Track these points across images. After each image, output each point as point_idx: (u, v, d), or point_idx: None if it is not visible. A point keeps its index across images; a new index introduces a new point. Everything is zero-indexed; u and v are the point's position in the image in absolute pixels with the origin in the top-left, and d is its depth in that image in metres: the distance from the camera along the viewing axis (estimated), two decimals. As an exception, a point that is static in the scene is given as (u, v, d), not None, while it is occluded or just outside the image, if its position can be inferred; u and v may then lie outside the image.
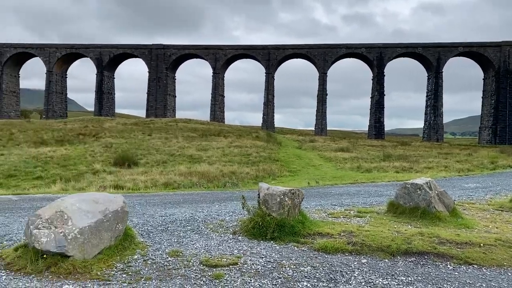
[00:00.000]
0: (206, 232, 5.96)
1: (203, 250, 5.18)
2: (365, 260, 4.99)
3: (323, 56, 68.58)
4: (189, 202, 8.78)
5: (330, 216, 7.14)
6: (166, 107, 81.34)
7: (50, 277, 4.32)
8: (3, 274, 4.36)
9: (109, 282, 4.23)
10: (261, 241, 5.56)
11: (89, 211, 4.90)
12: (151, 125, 45.27)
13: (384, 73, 66.07)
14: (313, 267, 4.71)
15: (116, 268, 4.59)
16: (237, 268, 4.62)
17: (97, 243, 4.78)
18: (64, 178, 18.76)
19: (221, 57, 76.59)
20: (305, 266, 4.74)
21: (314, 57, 69.34)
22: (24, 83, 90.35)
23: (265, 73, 72.77)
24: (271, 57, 71.98)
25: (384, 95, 66.27)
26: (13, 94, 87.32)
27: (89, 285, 4.16)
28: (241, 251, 5.16)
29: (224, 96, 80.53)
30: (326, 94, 68.77)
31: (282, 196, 5.86)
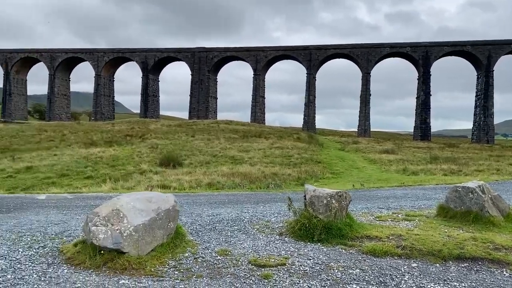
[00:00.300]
0: (252, 233, 6.05)
1: (250, 250, 5.27)
2: (415, 264, 4.90)
3: (366, 55, 67.36)
4: (234, 202, 8.91)
5: (377, 219, 7.04)
6: (207, 108, 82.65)
7: (107, 272, 4.54)
8: (65, 268, 4.62)
9: (162, 279, 4.39)
10: (308, 243, 5.57)
11: (143, 210, 5.11)
12: (193, 127, 46.20)
13: (430, 73, 64.03)
14: (362, 270, 4.68)
15: (168, 265, 4.76)
16: (285, 269, 4.67)
17: (151, 240, 4.97)
18: (113, 177, 19.51)
19: (262, 59, 76.89)
20: (353, 268, 4.71)
21: (357, 57, 68.23)
22: (74, 87, 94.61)
23: (306, 73, 72.36)
24: (313, 57, 71.47)
25: (430, 95, 64.20)
26: (64, 97, 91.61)
27: (143, 281, 4.33)
28: (289, 252, 5.20)
29: (264, 97, 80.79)
30: (370, 95, 67.49)
31: (329, 199, 5.85)
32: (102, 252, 4.75)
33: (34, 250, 5.11)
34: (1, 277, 4.29)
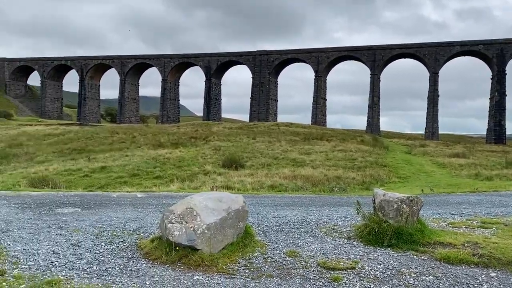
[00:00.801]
0: (320, 236, 6.06)
1: (319, 252, 5.28)
2: (494, 274, 4.65)
3: (434, 55, 64.41)
4: (299, 205, 8.94)
5: (450, 225, 6.76)
6: (268, 111, 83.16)
7: (182, 267, 4.77)
8: (143, 262, 4.92)
9: (234, 277, 4.54)
10: (378, 248, 5.48)
11: (214, 209, 5.31)
12: (254, 129, 46.75)
13: (506, 72, 59.86)
14: (436, 277, 4.53)
15: (239, 263, 4.90)
16: (355, 273, 4.64)
17: (222, 239, 5.15)
18: (180, 178, 20.29)
19: (324, 60, 76.09)
20: (426, 275, 4.58)
21: (424, 57, 65.44)
22: (142, 91, 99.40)
23: (370, 74, 70.56)
24: (377, 57, 69.56)
25: (506, 95, 60.02)
26: (133, 101, 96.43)
27: (216, 278, 4.51)
28: (358, 256, 5.16)
29: (326, 99, 79.83)
30: (438, 96, 64.42)
31: (399, 203, 5.71)
32: (177, 248, 5.00)
33: (115, 245, 5.48)
34: (88, 268, 4.66)
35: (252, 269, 4.75)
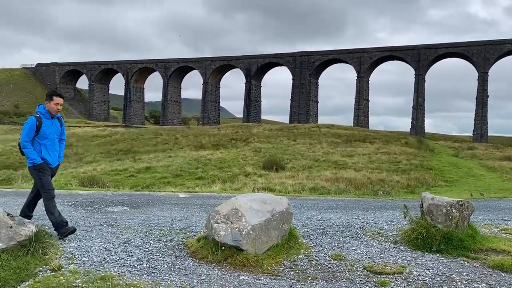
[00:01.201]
0: (365, 239, 5.97)
1: (365, 256, 5.22)
2: (553, 285, 4.42)
3: (483, 54, 61.75)
4: (342, 208, 8.85)
5: (503, 232, 6.48)
6: (308, 112, 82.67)
7: (228, 267, 4.85)
8: (190, 261, 5.05)
9: (279, 278, 4.56)
10: (426, 253, 5.35)
11: (259, 210, 5.36)
12: (295, 131, 46.59)
13: (562, 70, 56.50)
14: (489, 285, 4.36)
15: (284, 265, 4.92)
16: (403, 278, 4.54)
17: (266, 240, 5.19)
18: (221, 179, 20.56)
19: (366, 60, 74.77)
20: (479, 283, 4.42)
21: (472, 56, 62.89)
22: (184, 93, 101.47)
23: (415, 75, 68.64)
24: (422, 57, 67.54)
25: (562, 95, 56.62)
26: (176, 103, 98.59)
27: (261, 279, 4.55)
28: (405, 261, 5.05)
29: (368, 100, 78.40)
30: (487, 96, 61.71)
31: (448, 208, 5.54)
32: (223, 248, 5.09)
33: (163, 243, 5.64)
34: (138, 265, 4.83)
35: (297, 271, 4.76)
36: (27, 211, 6.12)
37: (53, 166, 5.95)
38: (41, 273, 4.47)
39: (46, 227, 5.48)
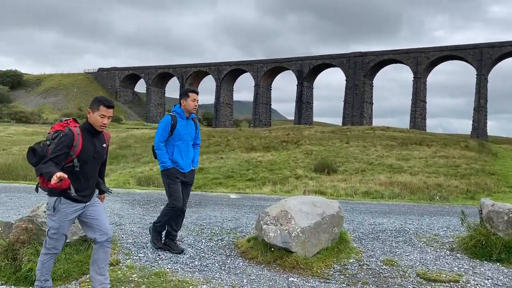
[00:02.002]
0: (419, 245, 5.78)
1: (418, 262, 5.06)
2: None
3: (554, 51, 57.63)
4: (396, 213, 8.60)
5: None
6: (362, 114, 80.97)
7: (277, 268, 4.89)
8: (240, 261, 5.13)
9: (329, 281, 4.53)
10: (484, 262, 5.09)
11: (308, 213, 5.35)
12: (348, 133, 45.78)
13: None
14: (556, 299, 4.08)
15: (333, 268, 4.88)
16: (459, 286, 4.36)
17: (316, 243, 5.17)
18: (271, 181, 20.64)
19: (423, 60, 72.06)
20: (544, 296, 4.15)
21: (541, 54, 58.88)
22: (235, 96, 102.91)
23: (476, 75, 65.23)
24: (484, 56, 64.05)
25: None
26: (228, 106, 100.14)
27: (311, 281, 4.54)
28: (462, 269, 4.84)
29: (425, 102, 75.49)
30: (557, 97, 57.43)
31: (510, 215, 5.24)
32: (272, 249, 5.13)
33: (214, 242, 5.78)
34: (191, 263, 4.99)
35: (347, 275, 4.70)
36: (172, 230, 5.44)
37: (186, 171, 5.33)
38: (101, 267, 4.73)
39: (106, 223, 5.78)
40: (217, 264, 4.99)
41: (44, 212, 4.92)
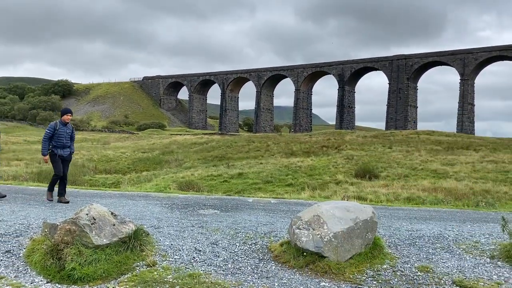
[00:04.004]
0: (458, 252, 5.60)
1: (455, 270, 4.91)
2: None
3: None
4: (436, 219, 8.35)
5: None
6: (406, 118, 78.88)
7: (309, 273, 4.90)
8: (273, 265, 5.19)
9: (361, 287, 4.50)
10: (528, 271, 4.86)
11: (341, 218, 5.33)
12: (391, 138, 44.69)
13: None
14: None
15: (366, 274, 4.84)
16: (498, 296, 4.20)
17: (349, 248, 5.14)
18: (311, 186, 20.51)
19: (471, 62, 69.36)
20: None
21: None
22: (276, 101, 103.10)
23: (528, 75, 61.88)
24: (537, 56, 60.84)
25: None
26: (268, 111, 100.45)
27: (342, 286, 4.53)
28: (502, 278, 4.65)
29: (473, 105, 72.51)
30: None
31: (557, 222, 4.99)
32: (305, 254, 5.15)
33: (248, 246, 5.86)
34: (224, 266, 5.10)
35: (380, 280, 4.65)
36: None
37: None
38: (138, 268, 4.94)
39: (145, 226, 6.01)
40: (249, 268, 5.07)
41: (86, 214, 5.21)
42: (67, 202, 9.02)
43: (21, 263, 5.04)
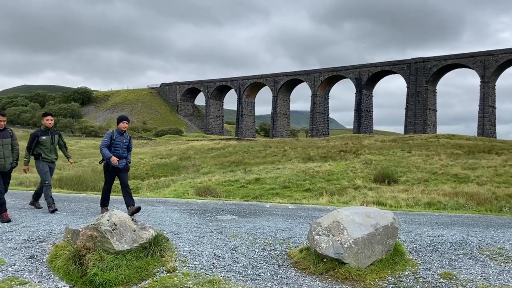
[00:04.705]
0: (482, 259, 5.48)
1: (479, 277, 4.80)
2: None
3: None
4: (458, 224, 8.19)
5: None
6: (425, 122, 77.83)
7: (329, 279, 4.86)
8: (293, 271, 5.16)
9: (382, 294, 4.44)
10: (556, 278, 4.72)
11: (361, 224, 5.28)
12: (410, 142, 44.11)
13: None
14: None
15: (387, 281, 4.77)
16: (525, 304, 4.09)
17: (369, 254, 5.08)
18: (329, 191, 20.36)
19: (491, 64, 68.14)
20: None
21: None
22: (292, 106, 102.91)
23: (551, 77, 60.50)
24: (560, 57, 59.44)
25: None
26: (285, 116, 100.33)
27: (363, 293, 4.47)
28: (529, 286, 4.53)
29: (495, 108, 71.12)
30: None
31: None
32: (324, 260, 5.11)
33: (267, 252, 5.85)
34: (244, 272, 5.09)
35: (401, 287, 4.58)
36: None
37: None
38: (158, 274, 4.98)
39: (164, 232, 6.06)
40: (269, 274, 5.05)
41: (108, 220, 5.27)
42: (139, 208, 8.15)
43: (45, 268, 5.13)
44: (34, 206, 9.12)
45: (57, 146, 9.10)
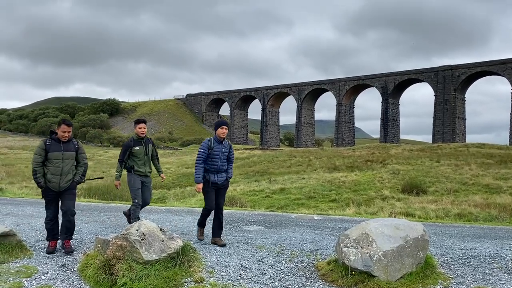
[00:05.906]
0: (518, 273, 5.28)
1: (516, 293, 4.63)
2: None
3: None
4: (492, 237, 7.93)
5: None
6: (454, 131, 76.08)
7: (358, 292, 4.77)
8: (321, 284, 5.10)
9: (413, 308, 4.33)
10: None
11: (391, 236, 5.18)
12: (438, 151, 43.14)
13: None
14: None
15: (418, 295, 4.65)
16: None
17: (399, 267, 4.98)
18: (355, 202, 20.08)
19: (523, 71, 66.19)
20: None
21: None
22: (317, 115, 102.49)
23: None
24: None
25: None
26: (309, 125, 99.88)
27: (394, 307, 4.37)
28: None
29: (527, 116, 68.80)
30: None
31: None
32: (353, 273, 5.03)
33: (294, 264, 5.81)
34: (271, 283, 5.06)
35: (433, 302, 4.46)
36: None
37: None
38: (186, 284, 5.01)
39: (191, 242, 6.10)
40: (296, 286, 5.01)
41: (137, 230, 5.35)
42: (223, 245, 6.67)
43: (76, 277, 5.24)
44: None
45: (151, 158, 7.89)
